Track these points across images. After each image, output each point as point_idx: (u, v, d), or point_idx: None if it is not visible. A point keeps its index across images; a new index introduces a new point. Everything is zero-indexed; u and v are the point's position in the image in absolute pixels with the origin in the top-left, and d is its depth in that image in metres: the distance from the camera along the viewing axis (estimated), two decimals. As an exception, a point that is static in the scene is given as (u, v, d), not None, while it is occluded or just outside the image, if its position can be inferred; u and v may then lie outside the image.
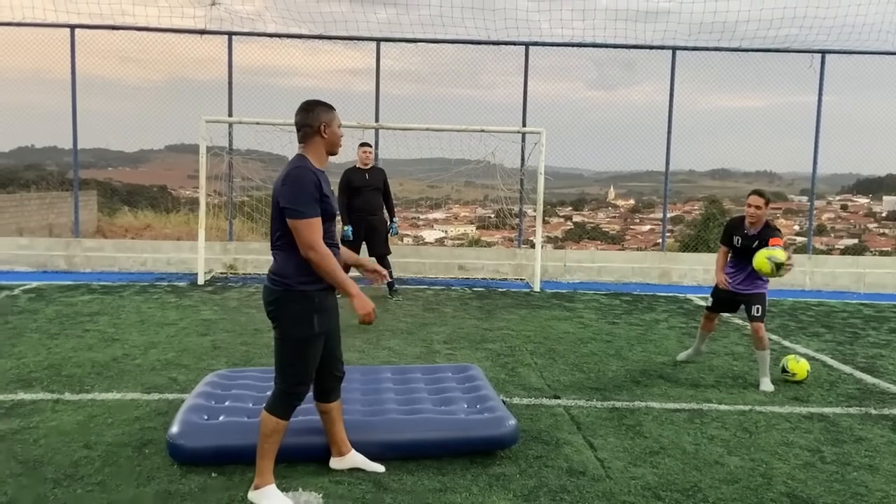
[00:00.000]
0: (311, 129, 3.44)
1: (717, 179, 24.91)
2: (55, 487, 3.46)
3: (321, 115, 3.45)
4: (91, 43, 10.85)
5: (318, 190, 3.33)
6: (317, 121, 3.44)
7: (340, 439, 3.78)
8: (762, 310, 5.79)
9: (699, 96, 21.98)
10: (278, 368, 3.46)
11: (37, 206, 19.06)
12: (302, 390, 3.45)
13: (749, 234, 5.76)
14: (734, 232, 5.87)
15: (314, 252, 3.28)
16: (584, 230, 24.78)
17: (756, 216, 5.70)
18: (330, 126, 3.46)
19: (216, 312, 7.92)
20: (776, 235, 5.67)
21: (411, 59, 11.64)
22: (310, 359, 3.45)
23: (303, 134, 3.46)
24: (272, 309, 3.45)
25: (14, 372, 5.39)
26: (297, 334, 3.39)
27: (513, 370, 5.91)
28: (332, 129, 3.47)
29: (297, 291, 3.36)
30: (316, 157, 3.47)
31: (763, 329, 5.77)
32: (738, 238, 5.82)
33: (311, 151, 3.47)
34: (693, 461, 4.10)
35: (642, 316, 8.49)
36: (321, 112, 3.46)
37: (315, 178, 3.34)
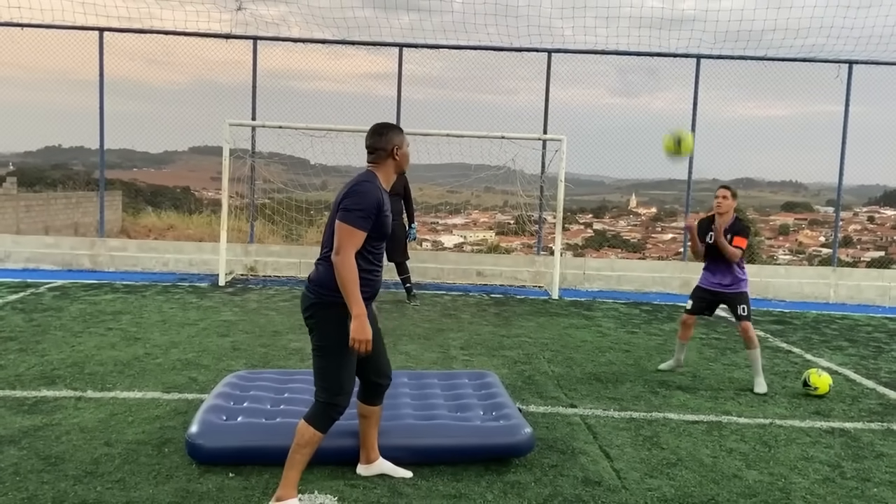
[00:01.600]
0: (385, 151, 3.50)
1: (740, 189, 24.61)
2: (75, 484, 3.51)
3: (394, 138, 3.52)
4: (119, 45, 11.03)
5: (379, 209, 3.38)
6: (390, 143, 3.50)
7: (371, 445, 3.80)
8: (748, 308, 5.89)
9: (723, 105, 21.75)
10: (317, 379, 3.45)
11: (63, 205, 19.38)
12: (341, 401, 3.40)
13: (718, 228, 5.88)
14: (706, 230, 6.00)
15: (339, 257, 3.28)
16: (604, 238, 24.63)
17: (724, 206, 5.88)
18: (401, 148, 3.54)
19: (236, 314, 7.99)
20: (743, 234, 5.83)
21: (433, 64, 11.68)
22: (346, 367, 3.42)
23: (375, 156, 3.52)
24: (308, 315, 3.46)
25: (38, 369, 5.48)
26: (333, 341, 3.38)
27: (529, 378, 5.90)
28: (403, 151, 3.55)
29: (333, 299, 3.36)
30: (385, 176, 3.54)
31: (752, 328, 5.88)
32: (711, 234, 5.94)
33: (381, 171, 3.53)
34: (711, 474, 4.06)
35: (662, 326, 8.43)
36: (394, 135, 3.53)
37: (380, 197, 3.41)
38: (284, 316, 7.98)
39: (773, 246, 22.24)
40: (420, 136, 10.52)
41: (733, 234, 5.83)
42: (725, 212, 5.91)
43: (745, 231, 5.89)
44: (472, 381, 4.97)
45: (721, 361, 6.79)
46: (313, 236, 14.30)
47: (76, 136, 10.64)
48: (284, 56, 11.18)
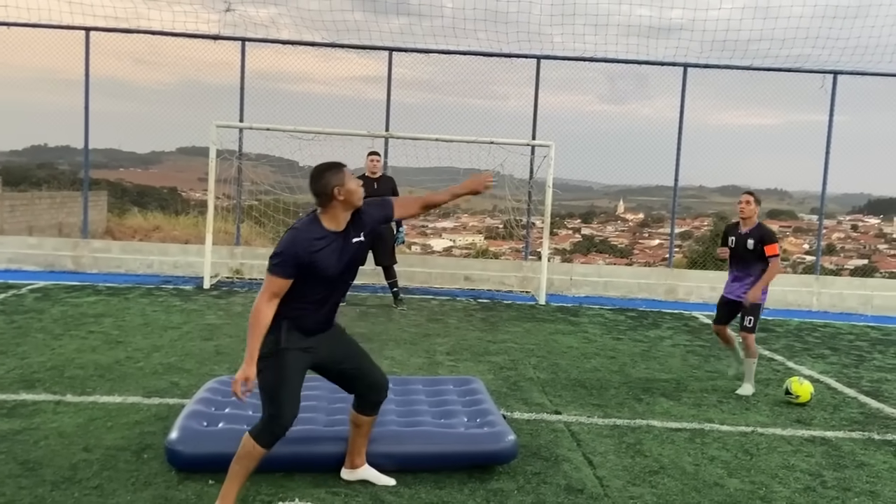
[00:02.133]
0: (327, 196, 3.38)
1: (727, 196, 24.82)
2: (53, 490, 3.47)
3: (332, 179, 3.37)
4: (106, 45, 10.94)
5: (302, 256, 3.28)
6: (329, 186, 3.36)
7: (358, 451, 3.80)
8: (754, 321, 5.99)
9: (710, 112, 21.89)
10: (260, 394, 3.40)
11: (48, 205, 19.20)
12: (280, 415, 3.34)
13: (742, 233, 6.03)
14: (729, 233, 6.20)
15: (256, 301, 3.34)
16: (592, 243, 24.73)
17: (746, 211, 6.01)
18: (344, 185, 3.37)
19: (220, 317, 7.94)
20: (771, 241, 5.92)
21: (423, 68, 11.66)
22: (285, 386, 3.36)
23: (319, 201, 3.42)
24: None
25: (18, 372, 5.41)
26: (270, 362, 3.34)
27: (515, 384, 5.90)
28: (346, 188, 3.38)
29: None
30: (332, 219, 3.42)
31: (753, 339, 6.03)
32: (733, 238, 6.11)
33: (328, 213, 3.42)
34: (693, 482, 4.07)
35: (647, 332, 8.46)
36: (331, 176, 3.38)
37: (308, 242, 3.31)
38: (269, 319, 7.92)
39: (758, 253, 22.37)
40: (410, 140, 10.53)
41: (762, 243, 5.92)
42: (748, 217, 6.03)
43: (773, 237, 6.01)
44: (457, 387, 4.96)
45: (704, 369, 6.82)
46: (301, 239, 14.22)
47: (62, 136, 10.59)
48: (273, 57, 11.13)
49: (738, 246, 6.04)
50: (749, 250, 5.95)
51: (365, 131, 10.23)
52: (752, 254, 5.95)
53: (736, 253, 6.08)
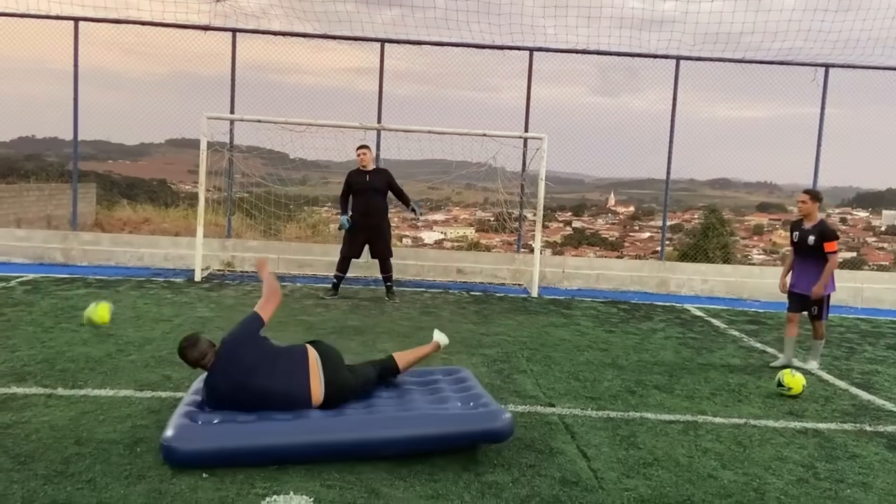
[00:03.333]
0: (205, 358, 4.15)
1: (717, 189, 24.89)
2: (45, 484, 3.44)
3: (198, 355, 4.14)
4: (94, 35, 10.84)
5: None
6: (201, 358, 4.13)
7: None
8: (820, 310, 6.57)
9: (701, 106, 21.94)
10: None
11: (36, 196, 19.00)
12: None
13: (805, 228, 6.55)
14: (794, 228, 6.70)
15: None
16: (583, 236, 24.74)
17: (803, 209, 6.56)
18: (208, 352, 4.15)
19: (212, 310, 7.89)
20: (831, 238, 6.42)
21: (415, 59, 11.60)
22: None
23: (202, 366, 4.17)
24: None
25: (8, 365, 5.37)
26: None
27: (508, 377, 5.89)
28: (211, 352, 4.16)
29: None
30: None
31: (822, 325, 6.67)
32: (797, 233, 6.61)
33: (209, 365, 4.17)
34: (686, 474, 4.08)
35: (639, 325, 8.48)
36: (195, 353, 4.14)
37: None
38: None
39: (747, 246, 22.51)
40: (402, 132, 10.49)
41: (821, 239, 6.40)
42: (807, 214, 6.56)
43: (832, 234, 6.47)
44: (447, 376, 4.97)
45: (697, 361, 6.84)
46: (293, 231, 14.19)
47: (50, 127, 10.46)
48: (265, 48, 11.02)
49: (801, 241, 6.55)
50: (810, 246, 6.47)
51: (357, 123, 10.18)
52: (812, 249, 6.45)
53: (799, 247, 6.59)
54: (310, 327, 7.29)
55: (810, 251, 6.49)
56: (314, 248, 11.40)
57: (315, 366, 4.23)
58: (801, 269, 6.61)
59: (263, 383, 4.04)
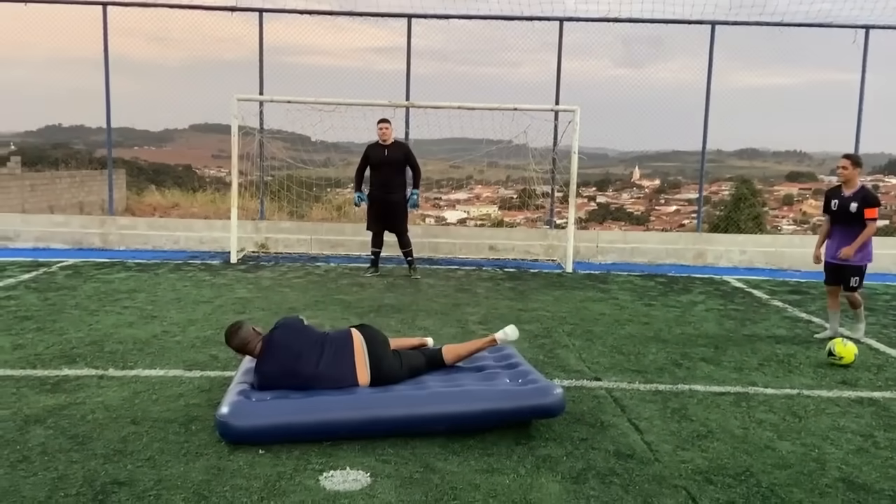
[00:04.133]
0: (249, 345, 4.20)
1: (745, 159, 24.45)
2: (105, 463, 3.48)
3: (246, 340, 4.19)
4: (118, 22, 10.84)
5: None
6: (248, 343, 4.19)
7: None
8: (860, 281, 6.32)
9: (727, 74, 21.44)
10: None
11: (67, 184, 19.28)
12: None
13: (845, 195, 6.22)
14: (831, 197, 6.35)
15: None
16: (608, 211, 24.53)
17: (844, 175, 6.23)
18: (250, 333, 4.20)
19: (251, 291, 7.94)
20: (872, 205, 6.13)
21: (436, 37, 11.51)
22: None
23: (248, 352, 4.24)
24: None
25: (57, 348, 5.44)
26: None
27: (551, 351, 5.85)
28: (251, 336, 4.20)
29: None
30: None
31: (857, 296, 6.41)
32: (836, 201, 6.30)
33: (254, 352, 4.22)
34: (743, 445, 4.01)
35: (678, 297, 8.36)
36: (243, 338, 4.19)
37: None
38: (299, 293, 7.93)
39: (777, 216, 22.17)
40: (430, 108, 10.39)
41: (863, 205, 6.11)
42: (848, 180, 6.23)
43: (874, 201, 6.19)
44: (492, 353, 4.94)
45: (742, 332, 6.73)
46: (318, 213, 14.22)
47: (76, 115, 10.55)
48: (288, 31, 11.01)
49: (842, 209, 6.21)
50: (852, 213, 6.17)
51: (386, 101, 10.11)
52: (854, 217, 6.17)
53: (838, 216, 6.26)
54: (347, 306, 7.30)
55: (852, 219, 6.17)
56: (345, 227, 11.41)
57: (360, 350, 4.22)
58: (841, 239, 6.28)
59: (311, 369, 4.06)
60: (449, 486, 3.37)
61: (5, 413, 4.08)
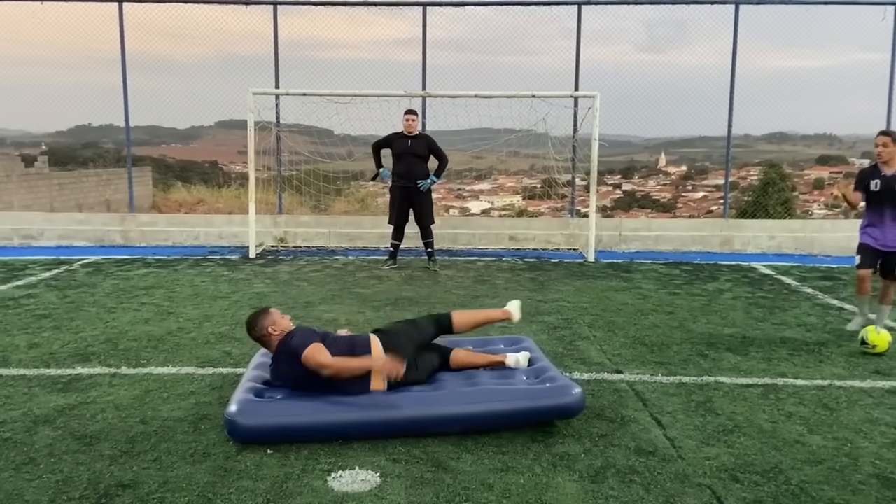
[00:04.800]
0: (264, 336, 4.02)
1: (773, 143, 23.92)
2: (111, 464, 3.42)
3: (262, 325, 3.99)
4: (142, 20, 10.92)
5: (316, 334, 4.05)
6: (263, 331, 3.99)
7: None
8: None
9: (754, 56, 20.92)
10: None
11: (94, 182, 19.53)
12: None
13: (887, 175, 5.78)
14: (869, 178, 5.86)
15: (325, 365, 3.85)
16: (634, 198, 24.19)
17: (884, 154, 5.78)
18: (276, 323, 4.00)
19: (268, 285, 7.89)
20: None
21: (454, 27, 11.34)
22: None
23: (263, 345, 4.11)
24: None
25: (72, 346, 5.42)
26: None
27: (571, 343, 5.70)
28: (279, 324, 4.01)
29: None
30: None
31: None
32: (877, 181, 5.82)
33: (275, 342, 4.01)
34: (771, 440, 3.83)
35: (704, 286, 8.14)
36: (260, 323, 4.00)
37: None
38: (316, 286, 7.86)
39: (807, 200, 21.68)
40: (448, 98, 10.24)
41: None
42: (888, 160, 5.80)
43: None
44: (509, 346, 4.81)
45: (770, 321, 6.51)
46: (341, 206, 14.18)
47: (105, 115, 10.64)
48: (306, 25, 10.95)
49: (884, 189, 5.78)
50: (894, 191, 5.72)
51: (402, 91, 9.98)
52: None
53: (882, 197, 5.82)
54: (364, 300, 7.21)
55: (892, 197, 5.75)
56: (364, 220, 11.33)
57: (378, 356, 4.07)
58: (880, 222, 5.84)
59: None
60: (461, 486, 3.25)
61: (16, 413, 4.05)
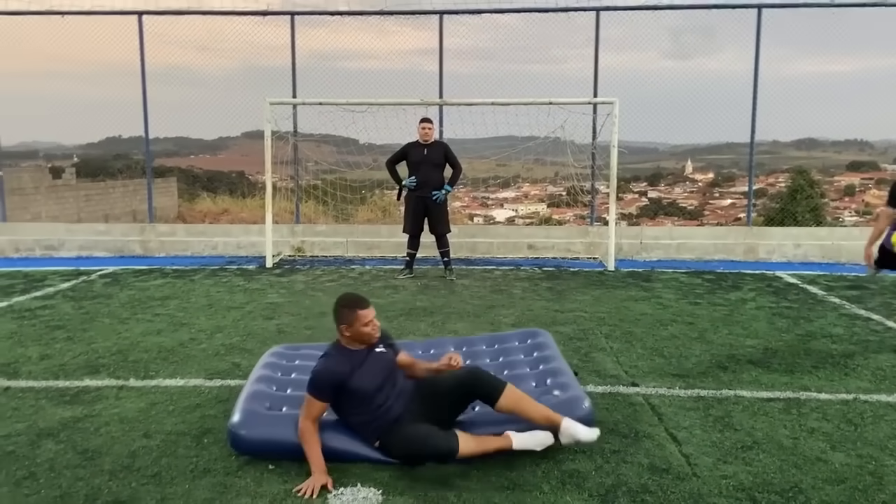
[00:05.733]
0: (337, 327, 3.68)
1: (802, 149, 23.51)
2: (110, 480, 3.37)
3: (342, 317, 3.63)
4: (166, 33, 11.07)
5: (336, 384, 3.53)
6: (339, 322, 3.65)
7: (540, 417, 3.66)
8: None
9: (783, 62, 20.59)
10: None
11: (121, 193, 19.77)
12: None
13: None
14: None
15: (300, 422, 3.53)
16: (660, 206, 23.93)
17: None
18: (352, 326, 3.61)
19: (282, 295, 7.86)
20: None
21: (475, 36, 11.35)
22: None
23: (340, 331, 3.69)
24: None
25: (83, 358, 5.42)
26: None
27: (586, 355, 5.56)
28: (354, 329, 3.62)
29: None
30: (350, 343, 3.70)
31: None
32: None
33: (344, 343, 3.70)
34: (791, 458, 3.67)
35: (727, 295, 7.93)
36: (342, 315, 3.63)
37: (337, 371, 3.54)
38: (330, 296, 7.80)
39: (837, 208, 21.26)
40: (465, 106, 10.17)
41: None
42: None
43: None
44: (523, 343, 4.73)
45: (794, 332, 6.30)
46: (364, 215, 14.17)
47: (135, 126, 10.87)
48: (328, 37, 10.98)
49: None
50: None
51: (418, 99, 9.93)
52: None
53: None
54: (379, 310, 7.06)
55: None
56: (381, 229, 11.29)
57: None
58: None
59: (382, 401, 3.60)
60: (465, 505, 3.15)
61: (20, 426, 4.03)
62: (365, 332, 3.63)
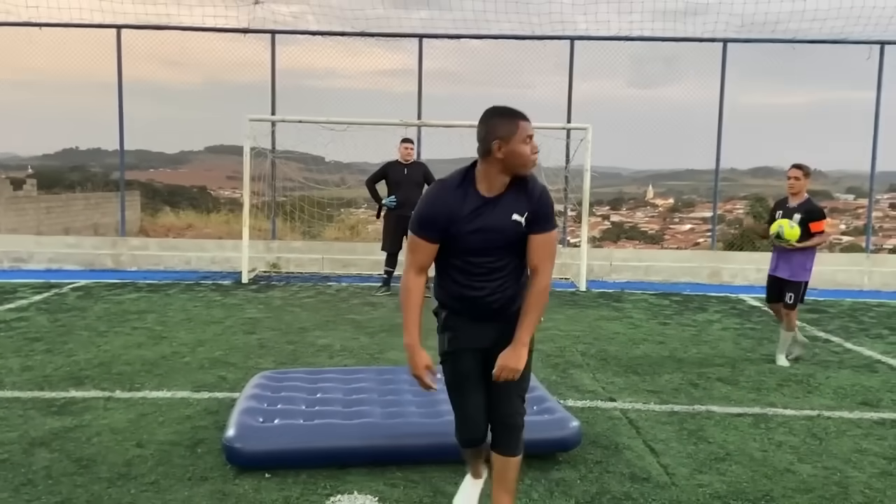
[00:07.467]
0: (482, 146, 2.70)
1: (759, 177, 24.33)
2: (109, 487, 3.41)
3: (496, 129, 2.67)
4: (133, 46, 10.98)
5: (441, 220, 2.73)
6: (490, 135, 2.67)
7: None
8: (795, 298, 5.97)
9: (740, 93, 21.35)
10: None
11: (82, 206, 19.44)
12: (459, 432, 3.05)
13: (790, 206, 5.94)
14: (777, 208, 6.09)
15: (402, 274, 2.96)
16: (622, 229, 24.42)
17: (795, 187, 5.93)
18: (508, 144, 2.66)
19: (261, 311, 7.90)
20: (818, 218, 5.84)
21: (449, 58, 11.57)
22: (453, 387, 3.05)
23: (478, 149, 2.73)
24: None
25: (66, 369, 5.41)
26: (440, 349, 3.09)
27: (564, 371, 5.75)
28: (509, 148, 2.66)
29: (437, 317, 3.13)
30: (484, 176, 2.74)
31: (793, 315, 6.03)
32: (780, 212, 5.98)
33: (481, 170, 2.76)
34: (762, 468, 3.89)
35: (694, 316, 8.23)
36: (496, 125, 2.68)
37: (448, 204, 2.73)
38: (310, 312, 7.88)
39: (792, 235, 21.89)
40: (442, 128, 10.39)
41: (809, 219, 5.81)
42: (797, 192, 5.96)
43: (820, 213, 5.89)
44: None
45: (759, 352, 6.60)
46: (332, 233, 14.20)
47: (93, 139, 10.66)
48: (301, 55, 11.08)
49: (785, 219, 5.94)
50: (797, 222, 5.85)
51: (398, 120, 10.12)
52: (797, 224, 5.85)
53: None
54: (358, 326, 7.23)
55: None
56: (357, 247, 11.38)
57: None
58: (782, 251, 5.96)
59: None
60: (459, 511, 3.27)
61: (12, 435, 4.04)
62: (523, 153, 2.70)
